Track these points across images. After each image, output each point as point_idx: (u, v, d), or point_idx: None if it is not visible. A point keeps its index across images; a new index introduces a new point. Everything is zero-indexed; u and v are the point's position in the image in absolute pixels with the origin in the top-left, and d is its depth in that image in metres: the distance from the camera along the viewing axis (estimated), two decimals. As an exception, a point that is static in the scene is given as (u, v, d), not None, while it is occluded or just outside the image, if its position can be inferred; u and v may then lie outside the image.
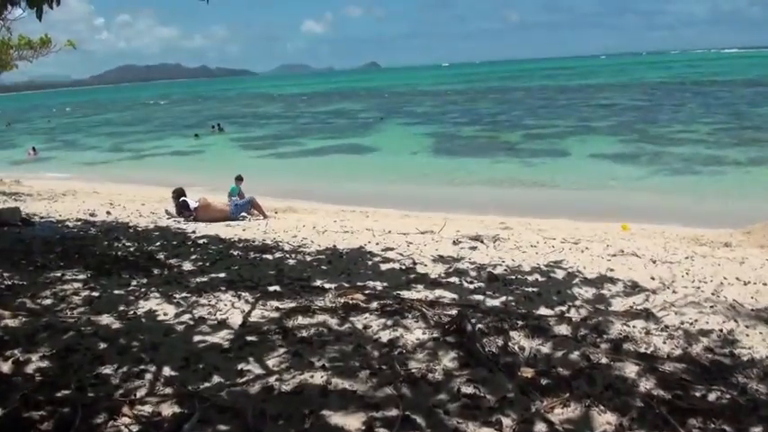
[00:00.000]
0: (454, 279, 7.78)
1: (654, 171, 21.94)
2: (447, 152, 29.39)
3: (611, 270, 8.40)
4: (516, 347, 5.27)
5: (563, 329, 5.79)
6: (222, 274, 8.02)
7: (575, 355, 5.12)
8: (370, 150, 32.15)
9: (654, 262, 8.92)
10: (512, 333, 5.59)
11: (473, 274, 8.07)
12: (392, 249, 9.84)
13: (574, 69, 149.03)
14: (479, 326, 5.69)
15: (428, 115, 49.90)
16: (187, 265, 8.68)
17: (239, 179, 16.60)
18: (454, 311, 6.05)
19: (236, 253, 9.69)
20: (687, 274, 8.18)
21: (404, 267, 8.41)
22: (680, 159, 23.52)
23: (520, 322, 5.90)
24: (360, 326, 5.75)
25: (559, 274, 8.11)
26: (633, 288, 7.44)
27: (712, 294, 7.16)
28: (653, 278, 7.92)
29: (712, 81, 71.61)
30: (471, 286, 7.44)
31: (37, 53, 15.84)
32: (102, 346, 5.21)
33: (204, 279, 7.76)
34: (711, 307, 6.61)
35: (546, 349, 5.26)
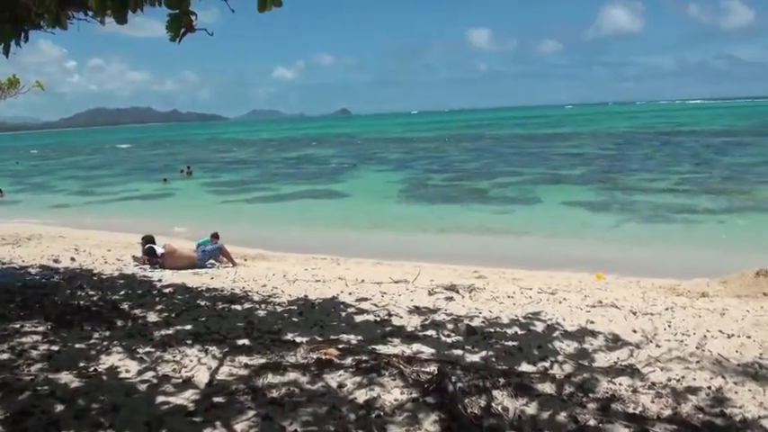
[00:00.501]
0: (431, 332, 7.51)
1: (625, 219, 21.94)
2: (419, 199, 29.28)
3: (592, 322, 8.19)
4: (500, 408, 5.01)
5: (547, 388, 5.54)
6: (188, 327, 7.68)
7: (561, 417, 4.87)
8: (342, 196, 31.96)
9: (634, 313, 8.73)
10: (494, 392, 5.33)
11: (450, 326, 7.80)
12: (366, 300, 9.55)
13: (543, 118, 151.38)
14: (460, 384, 5.42)
15: (399, 162, 49.99)
16: (152, 316, 8.32)
17: (215, 236, 15.87)
18: (433, 368, 5.78)
19: (203, 303, 9.34)
20: (669, 326, 7.99)
21: (379, 319, 8.12)
22: (651, 208, 23.58)
23: (502, 380, 5.64)
24: (334, 384, 5.45)
25: (539, 327, 7.88)
26: (615, 342, 7.23)
27: (697, 348, 6.97)
28: (635, 331, 7.72)
29: (679, 131, 72.94)
30: (449, 340, 7.17)
31: (5, 94, 15.48)
32: (60, 408, 4.87)
33: (170, 331, 7.41)
34: (697, 362, 6.42)
35: (531, 410, 5.01)
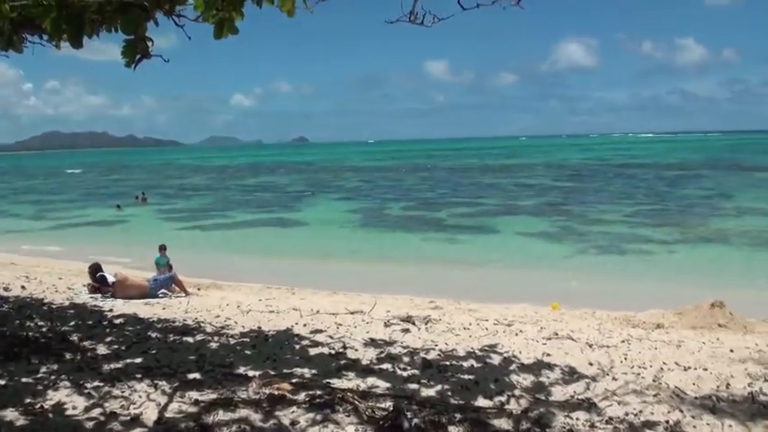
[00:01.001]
0: (387, 365, 7.38)
1: (580, 250, 22.17)
2: (376, 228, 29.26)
3: (548, 354, 8.15)
4: (457, 445, 4.90)
5: (504, 423, 5.46)
6: (138, 360, 7.44)
7: (519, 454, 4.78)
8: (298, 225, 31.79)
9: (590, 346, 8.72)
10: (450, 428, 5.24)
11: (406, 359, 7.69)
12: (321, 331, 9.39)
13: (498, 149, 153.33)
14: (416, 420, 5.30)
15: (357, 191, 50.04)
16: (101, 349, 8.05)
17: (163, 248, 15.96)
18: (389, 404, 5.66)
19: (154, 335, 9.08)
20: (626, 358, 7.99)
21: (333, 352, 7.97)
22: (605, 239, 23.89)
23: (458, 415, 5.55)
24: (286, 421, 5.29)
25: (495, 360, 7.81)
26: (572, 375, 7.19)
27: (653, 381, 6.97)
28: (591, 363, 7.70)
29: (633, 164, 74.38)
30: (405, 373, 7.05)
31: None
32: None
33: (119, 365, 7.17)
34: (655, 395, 6.40)
35: (488, 447, 4.91)
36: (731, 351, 8.56)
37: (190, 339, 8.75)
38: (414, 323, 10.19)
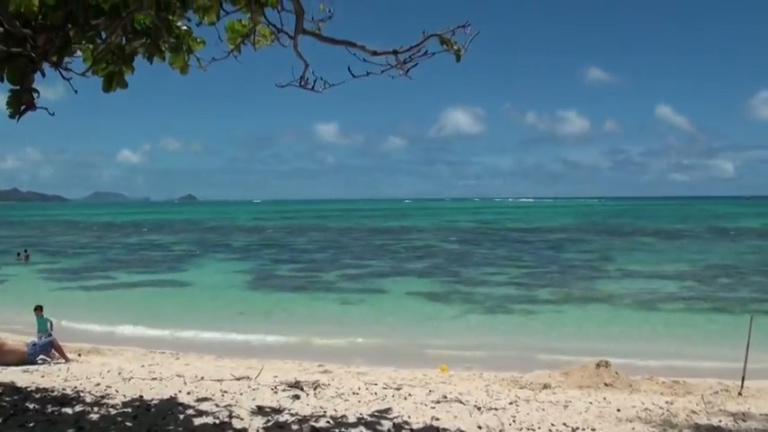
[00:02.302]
0: (274, 435, 7.13)
1: (467, 311, 22.48)
2: (264, 290, 28.75)
3: (437, 419, 8.11)
4: None
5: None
6: (15, 435, 6.91)
7: None
8: (184, 286, 30.81)
9: (479, 409, 8.72)
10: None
11: (295, 428, 7.46)
12: (206, 400, 9.00)
13: (386, 211, 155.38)
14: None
15: (245, 250, 49.27)
16: (-25, 423, 7.44)
17: (39, 309, 15.01)
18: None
19: (32, 406, 8.50)
20: (514, 421, 8.04)
21: (218, 422, 7.64)
22: (491, 299, 24.36)
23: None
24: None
25: (385, 426, 7.69)
26: (462, 440, 7.14)
27: (541, 445, 7.01)
28: (480, 427, 7.71)
29: (517, 228, 76.69)
30: (293, 443, 6.82)
31: None
32: None
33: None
34: (542, 460, 6.42)
35: None
36: (618, 410, 8.77)
37: (69, 410, 8.25)
38: (302, 389, 9.95)
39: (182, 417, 7.94)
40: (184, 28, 5.35)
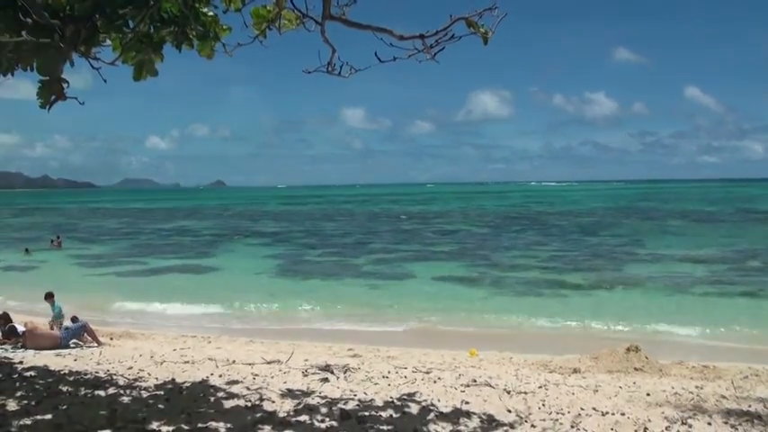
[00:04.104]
0: (304, 417, 7.21)
1: (496, 294, 22.43)
2: (294, 275, 28.89)
3: (466, 402, 8.12)
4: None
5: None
6: (49, 416, 7.13)
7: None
8: (215, 271, 31.08)
9: (508, 392, 8.73)
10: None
11: (324, 410, 7.53)
12: (237, 383, 9.13)
13: (415, 195, 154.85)
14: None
15: (275, 236, 49.49)
16: (11, 404, 7.68)
17: (50, 296, 15.22)
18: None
19: (65, 388, 8.69)
20: (543, 405, 8.02)
21: (250, 404, 7.74)
22: (521, 284, 24.25)
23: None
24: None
25: (414, 409, 7.73)
26: (490, 423, 7.18)
27: (572, 427, 7.01)
28: (509, 410, 7.70)
29: (547, 212, 76.21)
30: (323, 425, 6.90)
31: None
32: None
33: (28, 422, 6.81)
34: (572, 443, 6.42)
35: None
36: (648, 395, 8.71)
37: (102, 393, 8.41)
38: (332, 372, 10.04)
39: (213, 399, 8.05)
40: (211, 14, 5.36)
